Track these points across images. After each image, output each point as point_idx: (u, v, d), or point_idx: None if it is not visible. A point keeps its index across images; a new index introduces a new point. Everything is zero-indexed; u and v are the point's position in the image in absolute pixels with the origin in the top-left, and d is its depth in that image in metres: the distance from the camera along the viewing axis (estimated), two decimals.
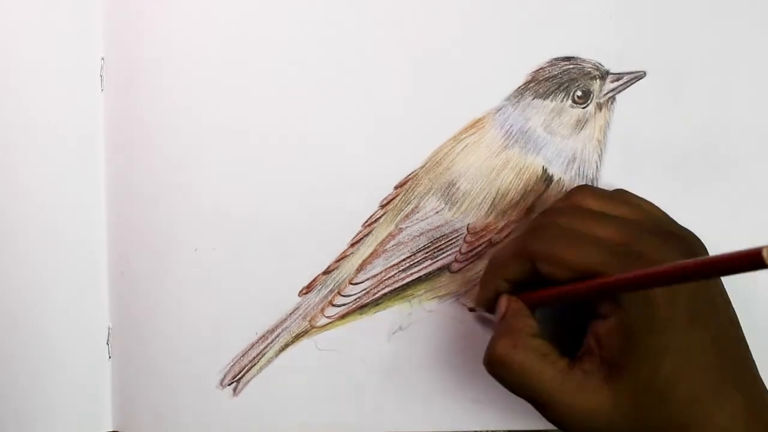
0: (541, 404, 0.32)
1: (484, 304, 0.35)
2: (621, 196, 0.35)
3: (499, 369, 0.33)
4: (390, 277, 0.40)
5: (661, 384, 0.30)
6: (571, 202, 0.35)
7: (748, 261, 0.24)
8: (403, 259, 0.40)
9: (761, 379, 0.33)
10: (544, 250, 0.32)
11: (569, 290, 0.32)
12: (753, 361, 0.33)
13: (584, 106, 0.39)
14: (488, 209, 0.39)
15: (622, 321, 0.31)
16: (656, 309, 0.30)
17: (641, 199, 0.36)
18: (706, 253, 0.34)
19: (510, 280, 0.34)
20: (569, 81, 0.39)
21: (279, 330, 0.40)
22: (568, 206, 0.34)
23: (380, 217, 0.40)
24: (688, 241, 0.33)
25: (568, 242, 0.32)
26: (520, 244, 0.33)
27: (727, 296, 0.34)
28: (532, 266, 0.33)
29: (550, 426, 0.34)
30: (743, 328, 0.33)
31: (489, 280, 0.35)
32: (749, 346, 0.33)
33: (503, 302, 0.34)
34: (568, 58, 0.39)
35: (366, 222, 0.40)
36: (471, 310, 0.39)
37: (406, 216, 0.40)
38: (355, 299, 0.40)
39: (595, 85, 0.39)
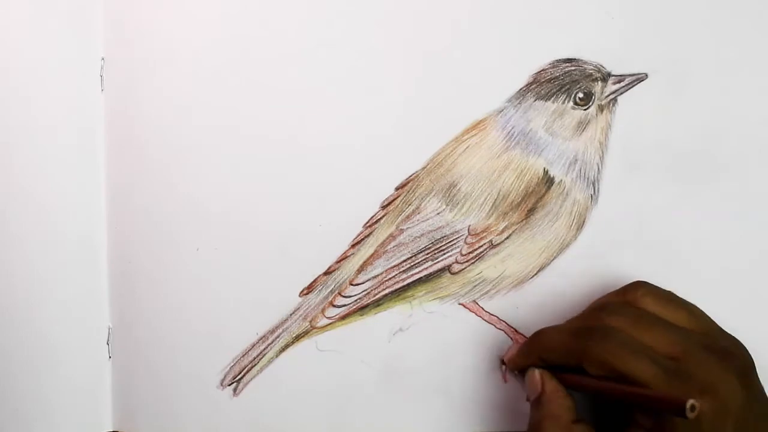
0: None
1: (516, 368, 0.37)
2: (679, 298, 0.35)
3: None
4: (391, 278, 0.40)
5: None
6: (628, 300, 0.35)
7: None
8: (404, 260, 0.40)
9: None
10: (599, 358, 0.32)
11: (611, 390, 0.32)
12: None
13: (586, 107, 0.39)
14: (489, 211, 0.39)
15: None
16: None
17: (691, 303, 0.36)
18: (751, 364, 0.33)
19: (550, 364, 0.35)
20: (571, 83, 0.39)
21: (279, 330, 0.40)
22: (625, 305, 0.35)
23: (381, 218, 0.40)
24: (741, 359, 0.33)
25: (625, 352, 0.32)
26: (573, 341, 0.34)
27: None
28: (580, 363, 0.33)
29: None
30: None
31: (529, 354, 0.36)
32: None
33: (537, 379, 0.35)
34: (569, 60, 0.39)
35: (367, 223, 0.40)
36: (503, 363, 0.40)
37: (407, 217, 0.40)
38: (356, 300, 0.40)
39: (597, 86, 0.39)
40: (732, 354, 0.33)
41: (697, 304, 0.38)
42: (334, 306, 0.40)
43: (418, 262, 0.40)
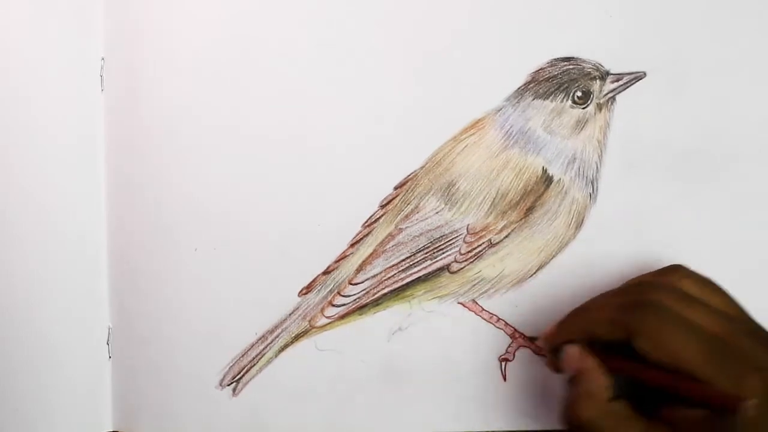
0: None
1: (553, 345, 0.35)
2: (715, 284, 0.35)
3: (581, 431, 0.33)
4: (390, 278, 0.40)
5: None
6: (668, 281, 0.34)
7: None
8: (403, 260, 0.40)
9: None
10: (649, 331, 0.32)
11: (659, 379, 0.31)
12: None
13: (584, 106, 0.39)
14: (488, 209, 0.39)
15: (712, 416, 0.30)
16: (751, 413, 0.29)
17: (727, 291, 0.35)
18: None
19: (591, 338, 0.34)
20: (569, 81, 0.39)
21: (279, 330, 0.40)
22: (666, 284, 0.34)
23: (380, 218, 0.40)
24: None
25: (673, 327, 0.31)
26: (621, 314, 0.33)
27: None
28: (626, 338, 0.32)
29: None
30: None
31: (570, 329, 0.35)
32: None
33: (576, 356, 0.34)
34: (568, 59, 0.39)
35: (366, 222, 0.40)
36: (532, 339, 0.39)
37: (406, 216, 0.40)
38: (355, 299, 0.40)
39: (595, 85, 0.39)
40: None
41: None
42: (333, 305, 0.40)
43: (417, 262, 0.40)
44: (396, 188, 0.40)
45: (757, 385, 0.30)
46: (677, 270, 0.35)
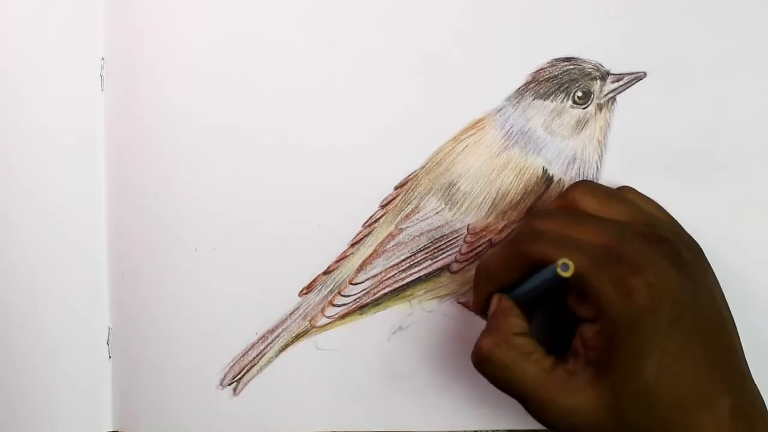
0: (525, 400, 0.33)
1: (480, 309, 0.36)
2: (619, 194, 0.35)
3: (484, 365, 0.33)
4: (390, 277, 0.40)
5: (645, 388, 0.30)
6: (566, 201, 0.35)
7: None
8: (403, 260, 0.40)
9: (753, 383, 0.33)
10: (531, 257, 0.32)
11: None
12: (745, 366, 0.33)
13: (585, 106, 0.39)
14: (488, 210, 0.39)
15: (605, 325, 0.31)
16: (639, 314, 0.30)
17: (644, 198, 0.36)
18: (704, 258, 0.33)
19: (500, 287, 0.34)
20: (570, 81, 0.39)
21: (279, 330, 0.40)
22: (560, 207, 0.35)
23: (380, 218, 0.40)
24: (672, 245, 0.33)
25: (553, 247, 0.32)
26: (507, 253, 0.33)
27: (722, 300, 0.34)
28: (520, 274, 0.33)
29: None
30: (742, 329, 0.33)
31: (480, 286, 0.35)
32: (744, 350, 0.33)
33: (494, 301, 0.34)
34: (568, 59, 0.39)
35: (366, 222, 0.40)
36: (462, 305, 0.40)
37: (407, 216, 0.40)
38: (355, 299, 0.40)
39: (596, 85, 0.39)
40: (667, 240, 0.33)
41: None
42: (333, 305, 0.40)
43: (418, 261, 0.40)
44: (396, 188, 0.40)
45: (641, 286, 0.30)
46: (578, 186, 0.35)
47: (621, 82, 0.39)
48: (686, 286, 0.31)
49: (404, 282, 0.40)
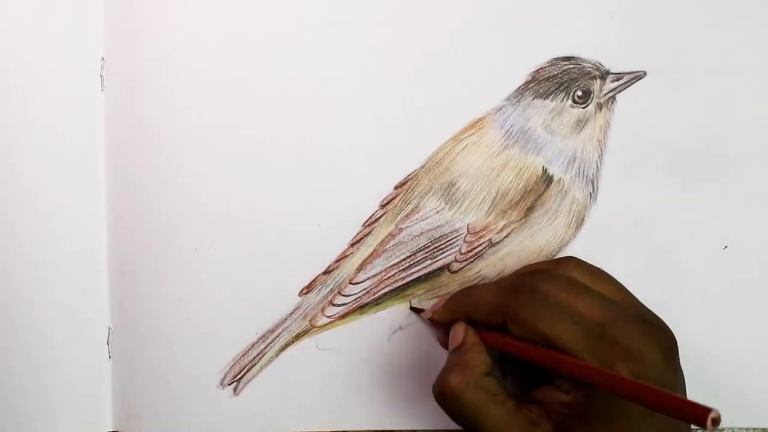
0: None
1: (439, 322, 0.36)
2: (606, 274, 0.35)
3: (449, 402, 0.33)
4: (390, 277, 0.40)
5: None
6: (558, 270, 0.35)
7: (693, 416, 0.26)
8: (403, 259, 0.40)
9: None
10: (524, 318, 0.32)
11: (533, 354, 0.32)
12: None
13: (584, 105, 0.39)
14: (488, 209, 0.39)
15: (579, 398, 0.31)
16: (617, 400, 0.30)
17: (618, 281, 0.36)
18: (676, 346, 0.33)
19: (471, 319, 0.34)
20: (569, 81, 0.39)
21: (279, 330, 0.40)
22: (553, 272, 0.34)
23: (380, 217, 0.40)
24: (668, 336, 0.33)
25: (549, 313, 0.31)
26: (500, 300, 0.33)
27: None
28: (504, 323, 0.33)
29: None
30: None
31: (454, 309, 0.35)
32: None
33: (460, 332, 0.34)
34: (568, 58, 0.39)
35: (366, 222, 0.40)
36: (413, 310, 0.39)
37: (407, 216, 0.40)
38: (356, 299, 0.40)
39: (596, 84, 0.39)
40: (659, 328, 0.33)
41: (697, 303, 0.38)
42: (333, 305, 0.40)
43: (418, 261, 0.40)
44: (396, 188, 0.40)
45: (624, 372, 0.30)
46: (569, 260, 0.35)
47: (621, 82, 0.39)
48: (669, 377, 0.31)
49: (404, 281, 0.40)
